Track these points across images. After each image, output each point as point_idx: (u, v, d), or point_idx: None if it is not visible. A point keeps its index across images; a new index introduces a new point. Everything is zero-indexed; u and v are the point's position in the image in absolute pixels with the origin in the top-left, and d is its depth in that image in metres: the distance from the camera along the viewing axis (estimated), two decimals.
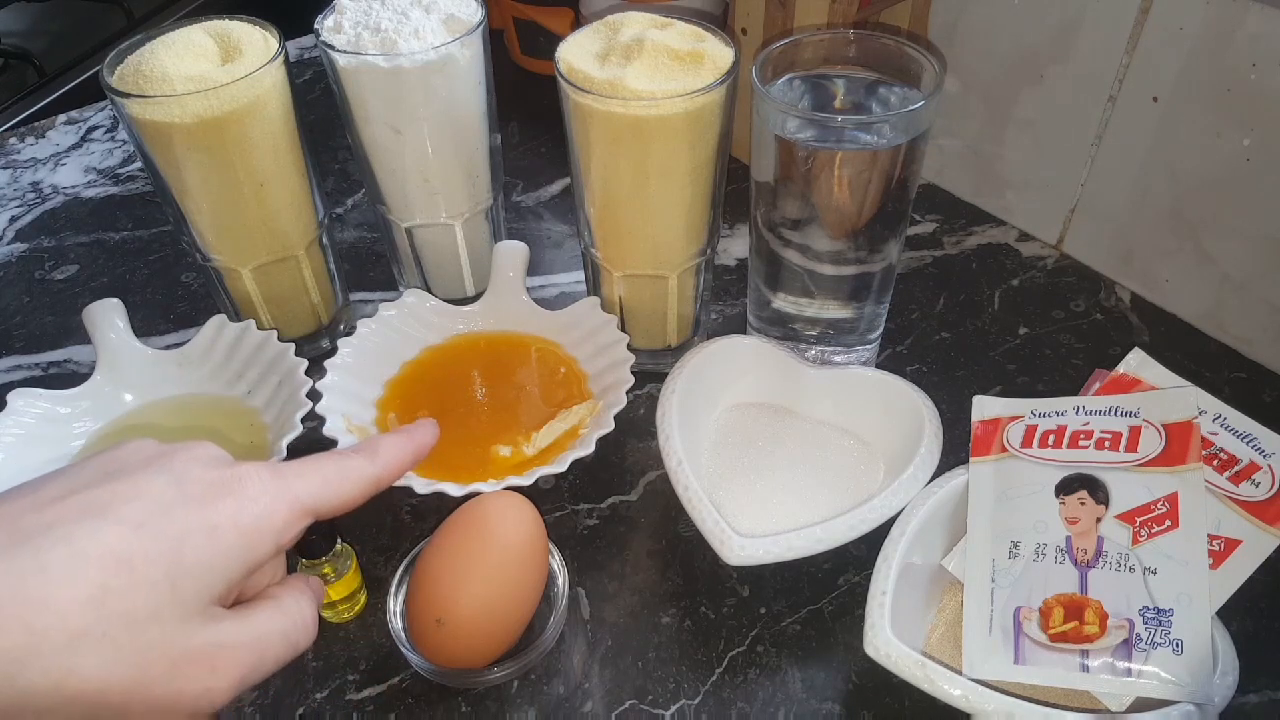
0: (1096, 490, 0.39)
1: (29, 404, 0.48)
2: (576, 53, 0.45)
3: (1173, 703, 0.34)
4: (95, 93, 0.80)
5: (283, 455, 0.44)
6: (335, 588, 0.41)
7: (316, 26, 0.49)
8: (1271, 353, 0.53)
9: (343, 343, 0.51)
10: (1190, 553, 0.37)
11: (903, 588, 0.38)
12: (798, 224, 0.47)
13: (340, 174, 0.72)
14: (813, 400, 0.49)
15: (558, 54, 0.45)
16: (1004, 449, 0.42)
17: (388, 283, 0.62)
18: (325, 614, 0.43)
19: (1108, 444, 0.40)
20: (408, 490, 0.43)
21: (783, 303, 0.51)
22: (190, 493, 0.27)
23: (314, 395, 0.47)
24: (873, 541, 0.40)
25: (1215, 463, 0.39)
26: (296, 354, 0.49)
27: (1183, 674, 0.34)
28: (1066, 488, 0.40)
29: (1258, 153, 0.49)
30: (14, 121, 0.87)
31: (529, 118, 0.75)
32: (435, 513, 0.46)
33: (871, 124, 0.43)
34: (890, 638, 0.36)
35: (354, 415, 0.48)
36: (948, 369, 0.55)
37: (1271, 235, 0.50)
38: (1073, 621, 0.36)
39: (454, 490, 0.43)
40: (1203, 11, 0.48)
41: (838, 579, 0.44)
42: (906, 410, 0.45)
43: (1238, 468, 0.39)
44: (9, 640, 0.23)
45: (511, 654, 0.40)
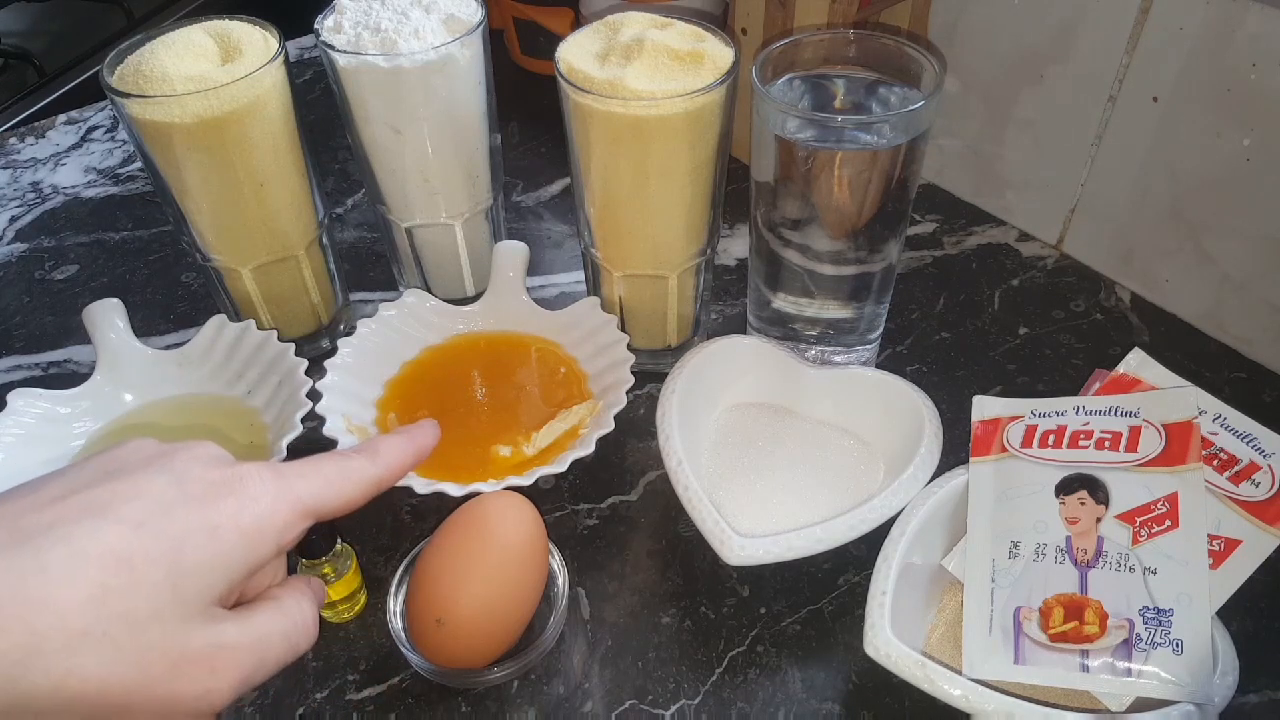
0: (1096, 490, 0.39)
1: (29, 404, 0.48)
2: (576, 53, 0.45)
3: (1173, 703, 0.34)
4: (95, 93, 0.80)
5: (283, 455, 0.44)
6: (335, 588, 0.41)
7: (316, 26, 0.49)
8: (1271, 353, 0.53)
9: (343, 343, 0.51)
10: (1190, 553, 0.37)
11: (903, 588, 0.38)
12: (798, 224, 0.47)
13: (340, 174, 0.72)
14: (813, 400, 0.49)
15: (558, 54, 0.45)
16: (1004, 449, 0.42)
17: (388, 283, 0.62)
18: (325, 614, 0.43)
19: (1108, 444, 0.40)
20: (408, 490, 0.43)
21: (783, 303, 0.51)
22: (191, 492, 0.27)
23: (314, 395, 0.47)
24: (873, 541, 0.40)
25: (1215, 463, 0.39)
26: (296, 354, 0.49)
27: (1183, 674, 0.34)
28: (1066, 488, 0.40)
29: (1258, 153, 0.49)
30: (14, 121, 0.87)
31: (529, 118, 0.75)
32: (435, 513, 0.46)
33: (871, 124, 0.43)
34: (890, 638, 0.36)
35: (354, 415, 0.48)
36: (948, 369, 0.55)
37: (1271, 235, 0.50)
38: (1073, 621, 0.36)
39: (454, 490, 0.43)
40: (1203, 11, 0.48)
41: (838, 579, 0.44)
42: (906, 410, 0.45)
43: (1238, 468, 0.39)
44: (10, 640, 0.23)
45: (511, 654, 0.40)
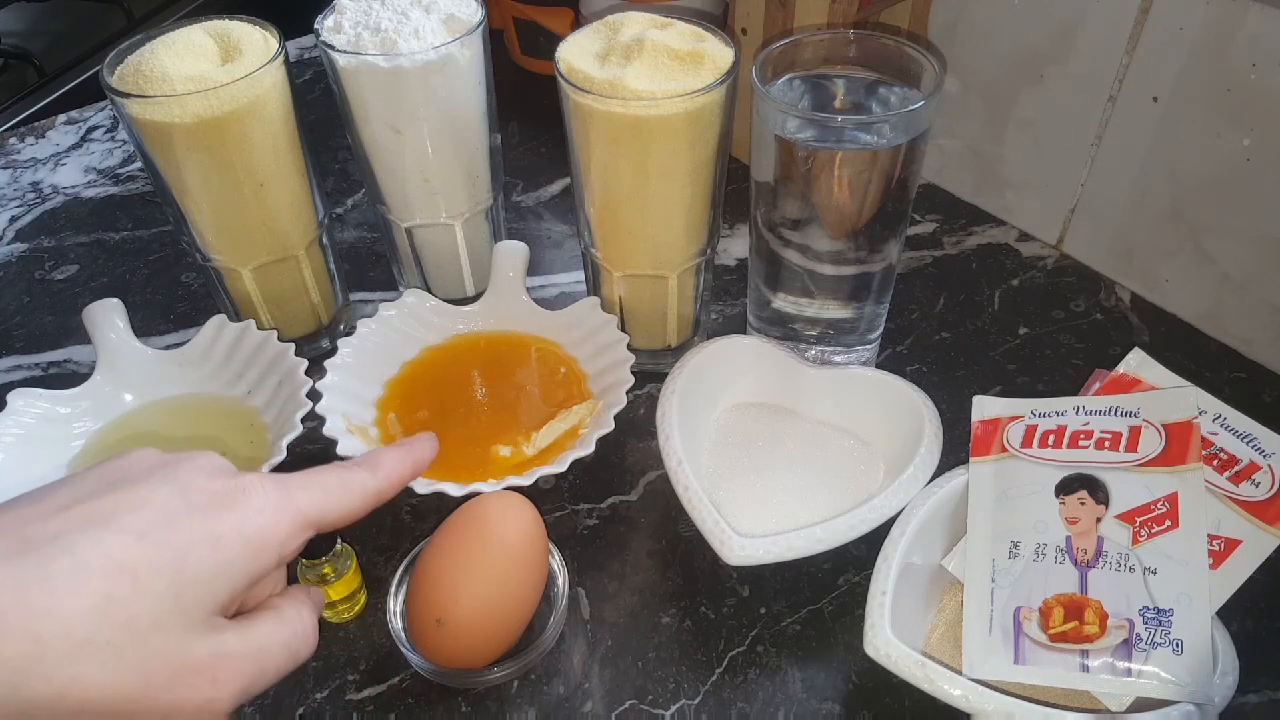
0: (1096, 490, 0.39)
1: (29, 404, 0.48)
2: (576, 53, 0.45)
3: (1173, 703, 0.34)
4: (95, 93, 0.80)
5: (283, 455, 0.44)
6: (335, 588, 0.41)
7: (316, 26, 0.49)
8: (1271, 353, 0.53)
9: (343, 343, 0.51)
10: (1190, 553, 0.37)
11: (903, 588, 0.38)
12: (798, 224, 0.47)
13: (340, 174, 0.72)
14: (813, 400, 0.49)
15: (558, 54, 0.45)
16: (1004, 449, 0.42)
17: (388, 283, 0.62)
18: (325, 614, 0.43)
19: (1108, 444, 0.40)
20: (408, 490, 0.42)
21: (783, 303, 0.51)
22: (194, 503, 0.27)
23: (314, 395, 0.47)
24: (873, 541, 0.40)
25: (1215, 463, 0.39)
26: (296, 354, 0.49)
27: (1183, 674, 0.34)
28: (1066, 488, 0.40)
29: (1258, 153, 0.49)
30: (14, 121, 0.87)
31: (529, 118, 0.75)
32: (435, 513, 0.46)
33: (871, 124, 0.43)
34: (890, 638, 0.36)
35: (354, 415, 0.48)
36: (948, 369, 0.55)
37: (1271, 235, 0.50)
38: (1073, 621, 0.36)
39: (454, 490, 0.43)
40: (1203, 11, 0.48)
41: (838, 579, 0.44)
42: (906, 410, 0.45)
43: (1238, 468, 0.39)
44: (14, 649, 0.23)
45: (511, 654, 0.40)
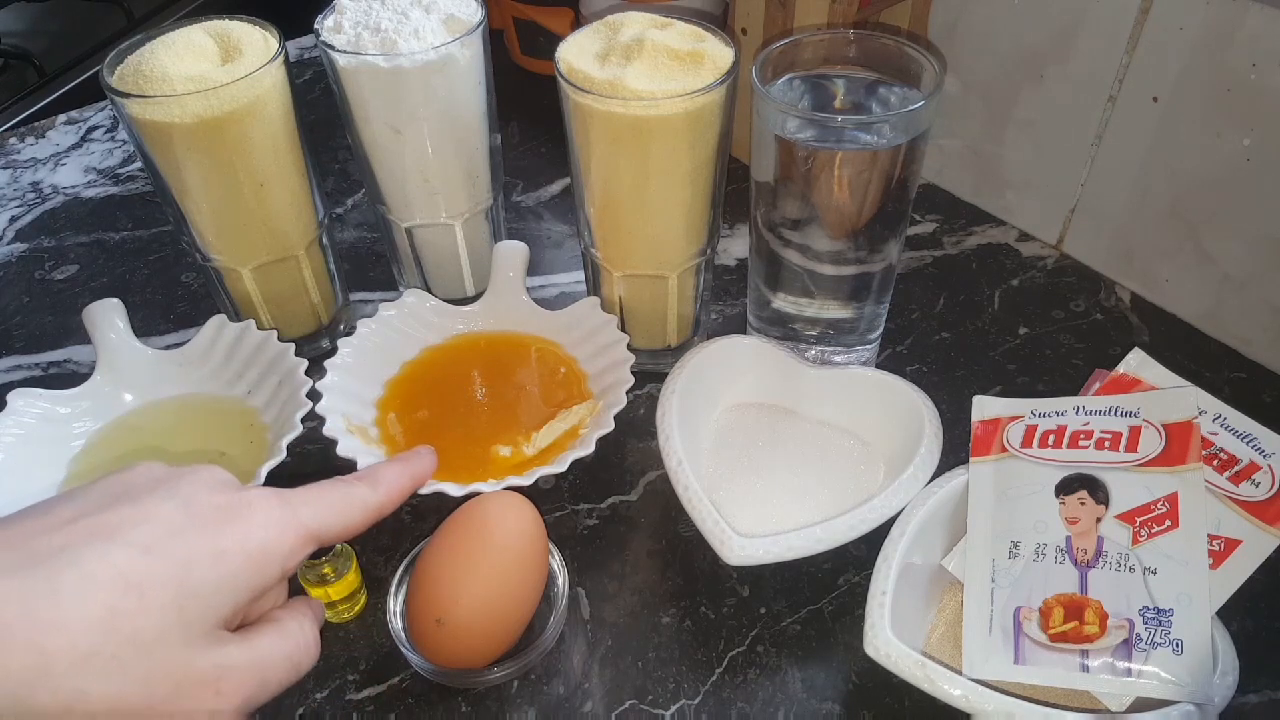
0: (1096, 490, 0.39)
1: (29, 404, 0.48)
2: (576, 53, 0.45)
3: (1173, 703, 0.34)
4: (95, 93, 0.80)
5: (283, 455, 0.44)
6: (335, 588, 0.41)
7: (316, 26, 0.49)
8: (1271, 353, 0.53)
9: (343, 343, 0.51)
10: (1190, 553, 0.37)
11: (903, 588, 0.38)
12: (798, 224, 0.47)
13: (340, 174, 0.72)
14: (813, 400, 0.49)
15: (558, 54, 0.45)
16: (1004, 449, 0.42)
17: (388, 283, 0.62)
18: (325, 615, 0.43)
19: (1108, 444, 0.40)
20: None
21: (783, 303, 0.51)
22: (198, 517, 0.27)
23: (314, 395, 0.47)
24: (873, 541, 0.40)
25: (1215, 463, 0.39)
26: (296, 354, 0.49)
27: (1183, 674, 0.34)
28: (1066, 488, 0.40)
29: (1258, 153, 0.49)
30: (14, 121, 0.87)
31: (529, 118, 0.75)
32: (435, 513, 0.46)
33: (871, 124, 0.43)
34: (890, 638, 0.36)
35: (354, 415, 0.48)
36: (948, 369, 0.55)
37: (1271, 235, 0.50)
38: (1073, 621, 0.36)
39: (454, 490, 0.43)
40: (1203, 11, 0.48)
41: (838, 579, 0.44)
42: (906, 410, 0.45)
43: (1238, 468, 0.39)
44: (20, 661, 0.23)
45: (511, 654, 0.40)
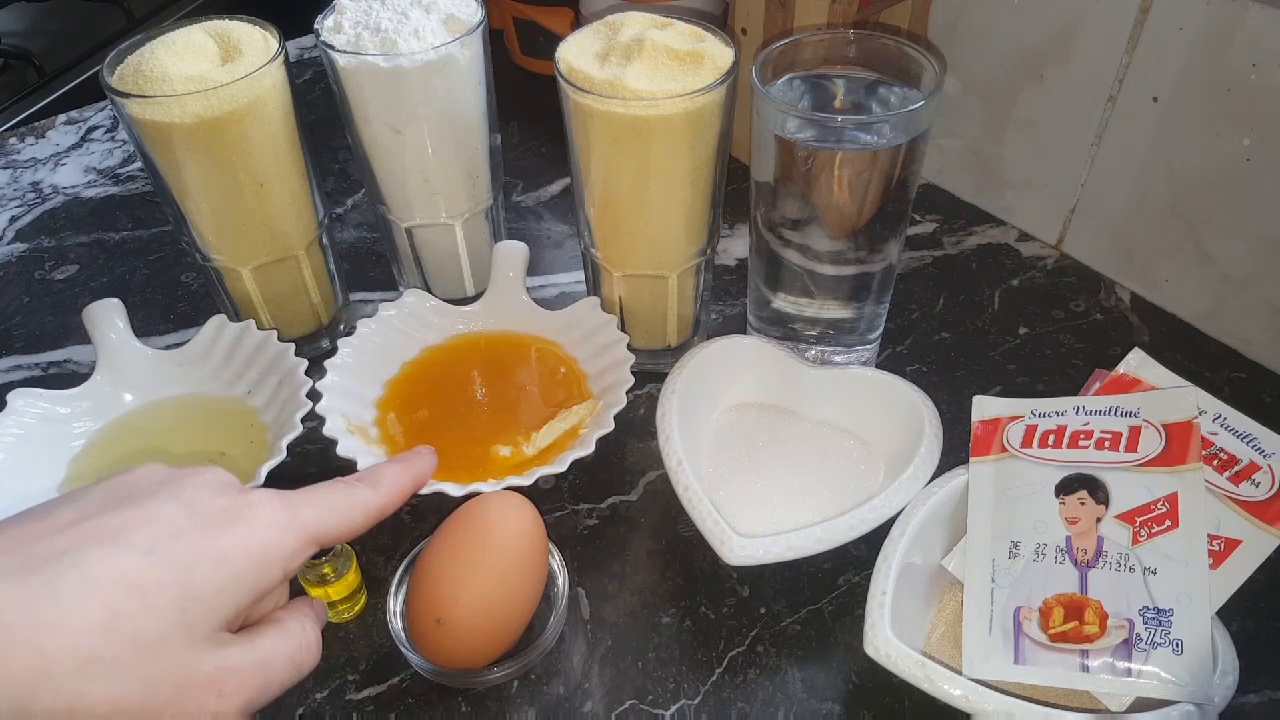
0: (1096, 490, 0.39)
1: (29, 404, 0.48)
2: (576, 53, 0.45)
3: (1173, 703, 0.34)
4: (95, 93, 0.80)
5: (283, 455, 0.44)
6: (335, 588, 0.41)
7: (316, 26, 0.49)
8: (1271, 353, 0.53)
9: (343, 343, 0.51)
10: (1190, 553, 0.37)
11: (903, 588, 0.38)
12: (798, 224, 0.47)
13: (340, 174, 0.72)
14: (813, 400, 0.49)
15: (558, 54, 0.45)
16: (1004, 449, 0.42)
17: (388, 283, 0.62)
18: (327, 615, 0.43)
19: (1108, 444, 0.40)
20: None
21: (783, 303, 0.51)
22: (200, 519, 0.27)
23: (314, 395, 0.47)
24: (873, 541, 0.40)
25: (1215, 463, 0.39)
26: (296, 354, 0.49)
27: (1183, 674, 0.34)
28: (1066, 488, 0.40)
29: (1258, 153, 0.49)
30: (14, 121, 0.87)
31: (529, 118, 0.75)
32: (435, 513, 0.46)
33: (871, 124, 0.43)
34: (890, 638, 0.36)
35: (354, 415, 0.48)
36: (948, 369, 0.55)
37: (1271, 235, 0.50)
38: (1073, 621, 0.36)
39: (454, 490, 0.43)
40: (1203, 11, 0.48)
41: (838, 579, 0.44)
42: (906, 410, 0.45)
43: (1238, 468, 0.39)
44: (22, 663, 0.23)
45: (511, 654, 0.40)
